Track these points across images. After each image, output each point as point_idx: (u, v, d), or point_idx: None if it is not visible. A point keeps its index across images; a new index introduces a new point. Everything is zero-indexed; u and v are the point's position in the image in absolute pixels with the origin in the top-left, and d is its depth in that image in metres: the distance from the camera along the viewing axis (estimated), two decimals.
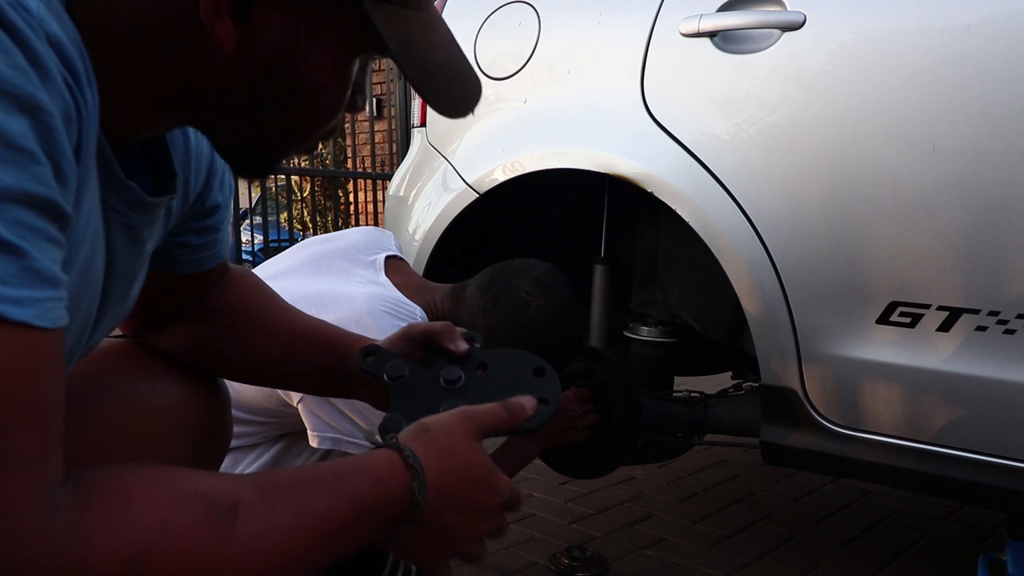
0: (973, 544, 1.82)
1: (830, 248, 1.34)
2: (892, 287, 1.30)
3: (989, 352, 1.22)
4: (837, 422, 1.37)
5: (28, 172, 0.43)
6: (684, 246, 1.61)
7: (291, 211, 5.41)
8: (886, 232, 1.30)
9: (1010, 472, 1.21)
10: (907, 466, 1.31)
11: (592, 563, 1.64)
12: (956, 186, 1.23)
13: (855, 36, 1.32)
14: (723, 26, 1.44)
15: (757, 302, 1.40)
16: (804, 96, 1.36)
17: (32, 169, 0.43)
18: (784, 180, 1.37)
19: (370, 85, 2.97)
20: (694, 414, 1.70)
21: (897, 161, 1.28)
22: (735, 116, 1.43)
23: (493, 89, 1.77)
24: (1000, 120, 1.19)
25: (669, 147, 1.47)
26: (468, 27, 1.83)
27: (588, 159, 1.56)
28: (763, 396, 1.43)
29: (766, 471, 2.28)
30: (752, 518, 1.95)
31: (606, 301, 1.73)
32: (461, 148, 1.81)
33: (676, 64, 1.50)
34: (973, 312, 1.23)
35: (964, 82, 1.22)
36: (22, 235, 0.43)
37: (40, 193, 0.44)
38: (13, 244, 0.42)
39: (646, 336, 1.79)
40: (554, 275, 1.33)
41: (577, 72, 1.65)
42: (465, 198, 1.73)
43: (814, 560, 1.71)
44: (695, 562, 1.69)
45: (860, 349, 1.33)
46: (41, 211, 0.44)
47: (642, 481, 2.21)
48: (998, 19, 1.21)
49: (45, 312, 0.45)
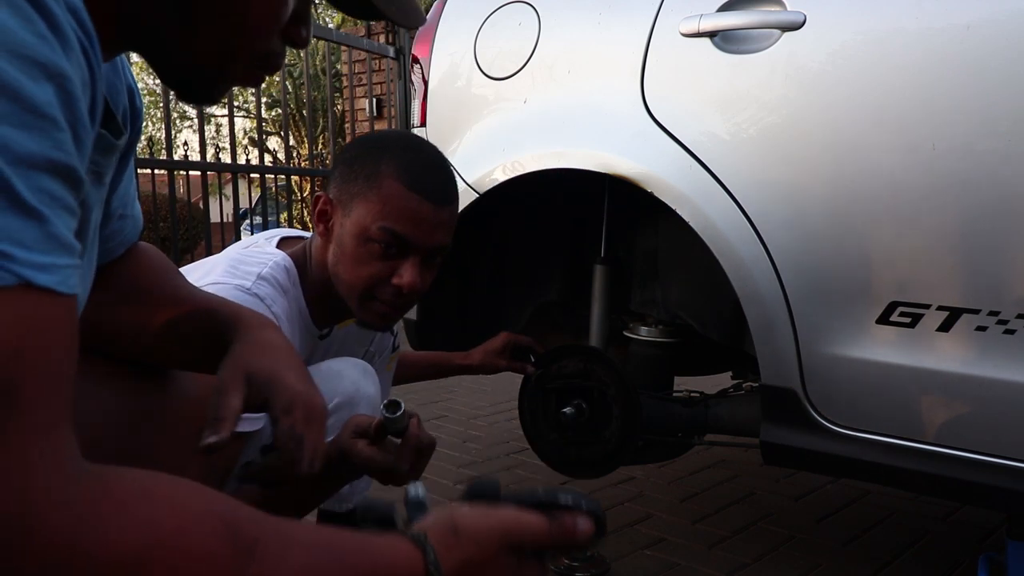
0: (973, 544, 1.82)
1: (830, 248, 1.34)
2: (892, 287, 1.30)
3: (989, 352, 1.22)
4: (837, 422, 1.37)
5: (52, 139, 0.43)
6: (684, 246, 1.61)
7: (291, 211, 5.41)
8: (886, 232, 1.30)
9: (1010, 472, 1.21)
10: (907, 466, 1.31)
11: (592, 563, 1.64)
12: (956, 186, 1.23)
13: (855, 36, 1.32)
14: (723, 26, 1.44)
15: (757, 302, 1.40)
16: (804, 96, 1.36)
17: (55, 136, 0.43)
18: (784, 180, 1.37)
19: (370, 87, 2.94)
20: (694, 414, 1.70)
21: (897, 161, 1.28)
22: (735, 116, 1.43)
23: (493, 89, 1.77)
24: (1000, 120, 1.19)
25: (669, 147, 1.47)
26: (468, 27, 1.83)
27: (588, 159, 1.56)
28: (763, 396, 1.43)
29: (766, 471, 2.28)
30: (752, 518, 1.95)
31: (606, 301, 1.73)
32: (461, 148, 1.81)
33: (676, 64, 1.50)
34: (973, 312, 1.23)
35: (964, 82, 1.22)
36: (45, 201, 0.43)
37: (62, 160, 0.44)
38: (38, 210, 0.43)
39: (646, 336, 1.79)
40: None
41: (577, 72, 1.65)
42: (465, 198, 1.73)
43: (814, 560, 1.71)
44: (695, 562, 1.69)
45: (860, 349, 1.33)
46: (61, 178, 0.45)
47: (642, 481, 2.21)
48: (998, 19, 1.21)
49: (65, 279, 0.45)
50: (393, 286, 1.20)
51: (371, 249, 1.19)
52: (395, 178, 1.19)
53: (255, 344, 0.84)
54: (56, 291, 0.44)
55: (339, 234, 1.22)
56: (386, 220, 1.18)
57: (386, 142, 1.25)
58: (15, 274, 0.42)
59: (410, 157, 1.21)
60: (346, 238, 1.20)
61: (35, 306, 0.43)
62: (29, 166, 0.42)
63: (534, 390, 1.67)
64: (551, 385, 1.65)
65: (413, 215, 1.18)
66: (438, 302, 1.86)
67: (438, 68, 1.88)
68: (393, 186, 1.18)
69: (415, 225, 1.19)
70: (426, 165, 1.22)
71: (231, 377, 0.80)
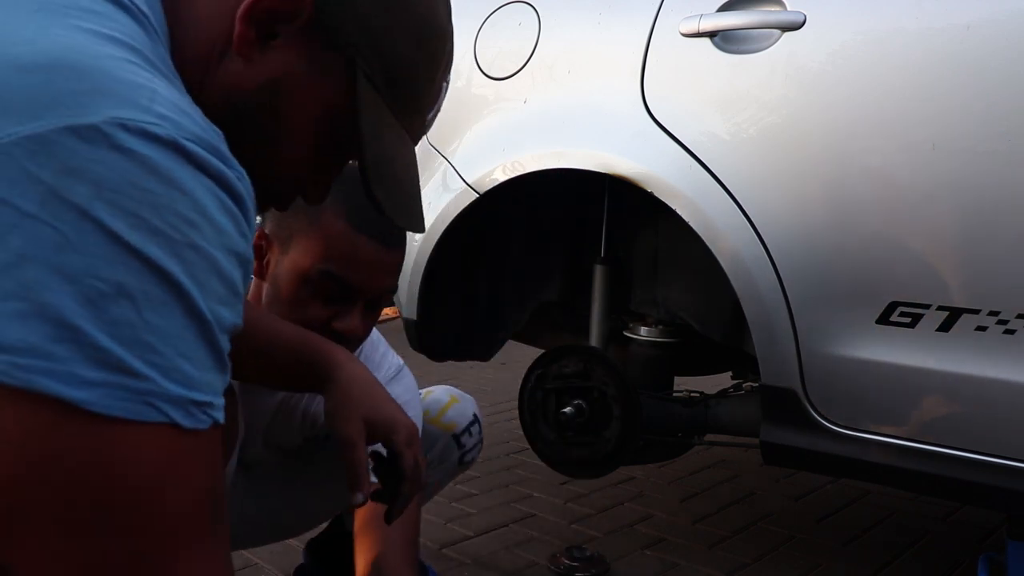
0: (973, 544, 1.82)
1: (830, 248, 1.34)
2: (892, 287, 1.30)
3: (989, 352, 1.22)
4: (837, 422, 1.37)
5: (237, 310, 0.54)
6: (684, 246, 1.61)
7: None
8: (886, 232, 1.30)
9: (1010, 472, 1.21)
10: (907, 466, 1.31)
11: (592, 563, 1.64)
12: (956, 186, 1.23)
13: (855, 36, 1.32)
14: (723, 26, 1.44)
15: (757, 302, 1.40)
16: (804, 96, 1.36)
17: (237, 307, 0.54)
18: (784, 180, 1.37)
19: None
20: (694, 414, 1.70)
21: (897, 161, 1.28)
22: (735, 116, 1.43)
23: (493, 89, 1.77)
24: (1000, 120, 1.19)
25: (669, 147, 1.47)
26: (468, 27, 1.83)
27: (588, 159, 1.56)
28: (763, 396, 1.43)
29: (766, 471, 2.28)
30: (752, 518, 1.95)
31: (606, 301, 1.73)
32: (461, 148, 1.81)
33: (676, 64, 1.50)
34: (973, 312, 1.23)
35: (964, 82, 1.22)
36: (226, 354, 0.54)
37: (239, 324, 0.54)
38: (225, 362, 0.53)
39: (646, 336, 1.79)
40: None
41: (577, 72, 1.65)
42: (465, 198, 1.73)
43: (814, 560, 1.71)
44: (695, 562, 1.69)
45: (860, 349, 1.33)
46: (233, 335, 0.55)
47: (642, 481, 2.21)
48: (998, 19, 1.21)
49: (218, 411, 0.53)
50: (333, 331, 1.08)
51: (309, 292, 1.07)
52: (339, 215, 1.06)
53: (355, 384, 0.98)
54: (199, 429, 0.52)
55: (275, 273, 1.10)
56: (327, 262, 1.05)
57: None
58: (214, 420, 0.52)
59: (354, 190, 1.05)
60: (282, 278, 1.08)
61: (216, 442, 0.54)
62: (225, 331, 0.53)
63: (534, 390, 1.67)
64: (551, 385, 1.65)
65: (358, 258, 1.06)
66: (438, 302, 1.86)
67: None
68: (336, 224, 1.05)
69: (360, 269, 1.06)
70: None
71: (355, 430, 0.95)
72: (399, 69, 0.70)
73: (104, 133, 0.47)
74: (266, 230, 1.13)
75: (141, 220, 0.48)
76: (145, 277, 0.48)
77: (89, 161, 0.46)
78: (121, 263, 0.47)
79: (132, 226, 0.47)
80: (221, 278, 0.52)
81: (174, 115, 0.51)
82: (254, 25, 0.63)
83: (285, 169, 0.71)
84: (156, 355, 0.48)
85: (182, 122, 0.52)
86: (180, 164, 0.50)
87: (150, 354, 0.48)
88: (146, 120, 0.49)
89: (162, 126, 0.50)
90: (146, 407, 0.48)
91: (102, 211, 0.46)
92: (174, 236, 0.49)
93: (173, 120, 0.51)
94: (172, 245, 0.49)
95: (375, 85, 0.69)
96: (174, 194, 0.49)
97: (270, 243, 1.11)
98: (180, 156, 0.50)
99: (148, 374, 0.48)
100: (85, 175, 0.46)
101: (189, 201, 0.50)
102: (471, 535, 1.79)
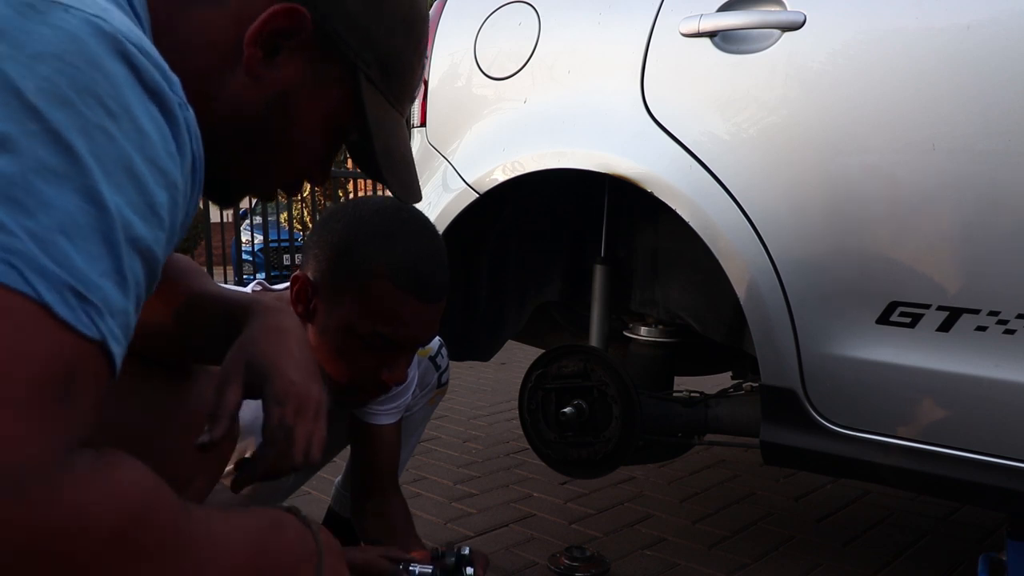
0: (973, 544, 1.82)
1: (830, 248, 1.34)
2: (892, 287, 1.30)
3: (989, 352, 1.22)
4: (837, 422, 1.37)
5: (155, 234, 0.51)
6: (684, 246, 1.61)
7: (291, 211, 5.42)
8: (886, 232, 1.30)
9: (1010, 472, 1.21)
10: (907, 466, 1.31)
11: (592, 563, 1.64)
12: (956, 186, 1.23)
13: (855, 36, 1.32)
14: (723, 26, 1.44)
15: (757, 302, 1.40)
16: (804, 96, 1.36)
17: (157, 232, 0.51)
18: (784, 180, 1.37)
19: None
20: (694, 414, 1.70)
21: (897, 161, 1.28)
22: (735, 116, 1.43)
23: (493, 89, 1.77)
24: (1000, 120, 1.19)
25: (669, 147, 1.47)
26: (468, 27, 1.83)
27: (588, 159, 1.56)
28: (763, 396, 1.43)
29: (766, 471, 2.28)
30: (752, 518, 1.95)
31: (606, 301, 1.73)
32: (461, 148, 1.81)
33: (676, 64, 1.50)
34: (973, 312, 1.23)
35: (964, 82, 1.22)
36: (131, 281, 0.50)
37: (155, 253, 0.51)
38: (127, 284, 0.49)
39: (646, 336, 1.79)
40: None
41: (577, 72, 1.65)
42: (465, 198, 1.73)
43: (814, 560, 1.71)
44: (695, 562, 1.69)
45: (860, 349, 1.33)
46: (146, 268, 0.51)
47: (642, 481, 2.21)
48: (998, 19, 1.21)
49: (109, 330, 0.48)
50: (380, 381, 1.15)
51: (359, 346, 1.13)
52: (385, 277, 1.11)
53: (263, 328, 0.82)
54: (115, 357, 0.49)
55: (323, 323, 1.14)
56: (376, 323, 1.11)
57: (368, 226, 1.14)
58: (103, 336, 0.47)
59: (400, 250, 1.12)
60: (331, 330, 1.14)
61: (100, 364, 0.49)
62: (134, 248, 0.49)
63: (534, 390, 1.67)
64: (551, 385, 1.65)
65: (406, 318, 1.12)
66: None
67: (438, 68, 1.88)
68: (383, 286, 1.11)
69: (408, 326, 1.13)
70: (418, 256, 1.13)
71: (231, 368, 0.79)
72: (392, 60, 0.73)
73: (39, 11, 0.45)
74: (309, 276, 1.15)
75: (53, 86, 0.44)
76: (39, 139, 0.43)
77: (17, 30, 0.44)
78: (14, 118, 0.43)
79: (41, 88, 0.44)
80: (135, 182, 0.48)
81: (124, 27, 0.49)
82: (261, 47, 0.66)
83: (296, 166, 0.74)
84: (29, 218, 0.42)
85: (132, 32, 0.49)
86: (114, 58, 0.47)
87: (21, 215, 0.42)
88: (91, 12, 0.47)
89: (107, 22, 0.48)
90: (4, 265, 0.41)
91: (12, 70, 0.43)
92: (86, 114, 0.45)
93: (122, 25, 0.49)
94: (81, 120, 0.45)
95: (373, 81, 0.72)
96: (97, 77, 0.46)
97: (315, 290, 1.14)
98: (117, 52, 0.48)
99: (12, 228, 0.42)
100: (6, 36, 0.44)
101: (113, 91, 0.47)
102: (471, 535, 1.79)
